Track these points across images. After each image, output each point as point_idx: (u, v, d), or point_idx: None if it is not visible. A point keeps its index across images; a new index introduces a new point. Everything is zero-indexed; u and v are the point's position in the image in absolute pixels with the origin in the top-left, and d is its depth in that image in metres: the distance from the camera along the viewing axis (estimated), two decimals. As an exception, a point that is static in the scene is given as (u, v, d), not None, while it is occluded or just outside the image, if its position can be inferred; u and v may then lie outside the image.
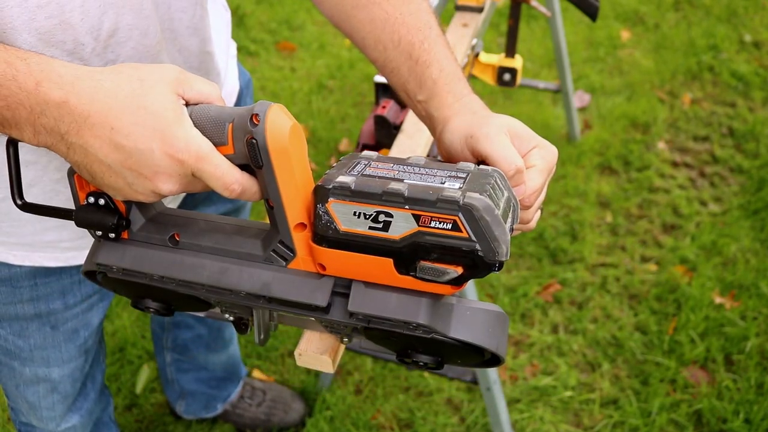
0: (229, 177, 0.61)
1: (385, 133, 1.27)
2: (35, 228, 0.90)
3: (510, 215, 0.62)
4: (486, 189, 0.57)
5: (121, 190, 0.63)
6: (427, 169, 0.61)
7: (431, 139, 1.17)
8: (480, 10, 1.64)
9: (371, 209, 0.57)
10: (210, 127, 0.61)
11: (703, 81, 2.98)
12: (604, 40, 3.21)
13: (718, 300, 2.04)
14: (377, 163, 0.63)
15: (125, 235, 0.69)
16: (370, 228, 0.58)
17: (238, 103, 1.14)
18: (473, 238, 0.55)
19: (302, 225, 0.62)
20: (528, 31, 3.27)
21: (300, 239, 0.62)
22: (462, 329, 0.61)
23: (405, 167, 0.62)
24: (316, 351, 0.84)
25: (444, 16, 2.70)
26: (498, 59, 1.85)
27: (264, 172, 0.60)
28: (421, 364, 0.66)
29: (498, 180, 0.61)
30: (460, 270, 0.57)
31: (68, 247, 0.93)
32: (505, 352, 0.64)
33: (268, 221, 0.65)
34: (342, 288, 0.63)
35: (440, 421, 1.79)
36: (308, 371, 1.91)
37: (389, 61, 0.81)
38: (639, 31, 3.31)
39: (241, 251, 0.65)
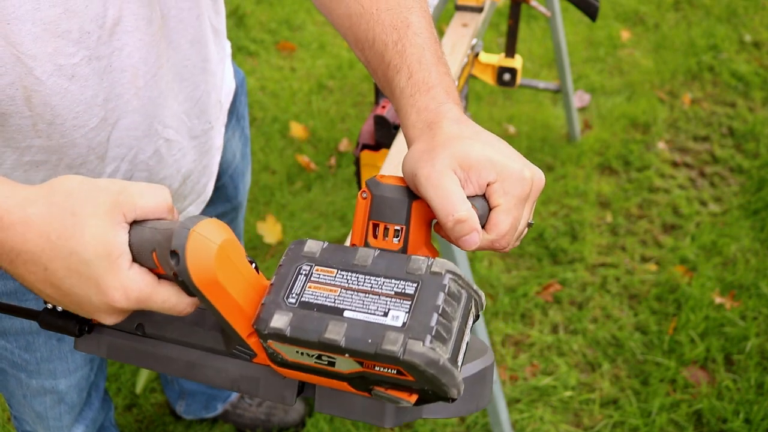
0: (179, 305, 0.58)
1: (384, 133, 1.27)
2: None
3: (471, 319, 0.58)
4: (431, 325, 0.52)
5: (70, 309, 0.61)
6: (373, 282, 0.56)
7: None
8: (480, 10, 1.64)
9: (312, 352, 0.54)
10: (142, 253, 0.58)
11: (703, 81, 2.98)
12: (604, 40, 3.21)
13: (718, 300, 2.04)
14: (320, 271, 0.58)
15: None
16: (317, 362, 0.55)
17: (233, 103, 1.14)
18: (420, 382, 0.53)
19: (255, 332, 0.59)
20: (528, 31, 3.27)
21: (257, 343, 0.60)
22: (435, 409, 0.59)
23: (349, 277, 0.57)
24: None
25: (444, 16, 2.71)
26: (498, 59, 1.85)
27: (200, 300, 0.56)
28: None
29: (451, 287, 0.55)
30: (413, 399, 0.55)
31: None
32: (487, 400, 0.62)
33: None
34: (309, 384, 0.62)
35: (440, 420, 1.79)
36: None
37: (369, 62, 0.75)
38: (639, 31, 3.31)
39: (204, 345, 0.63)
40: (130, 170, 0.86)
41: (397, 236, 0.63)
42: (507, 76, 1.84)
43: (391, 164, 1.13)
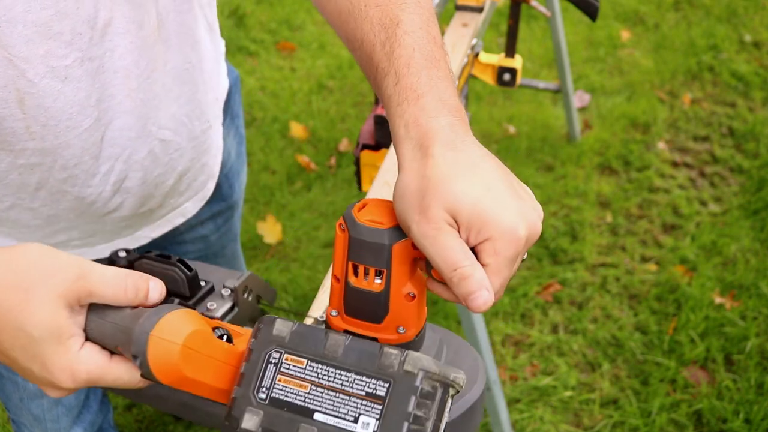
0: (133, 383, 0.58)
1: (384, 133, 1.27)
2: (45, 232, 0.89)
3: (445, 415, 0.56)
4: (401, 430, 0.52)
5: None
6: (344, 378, 0.55)
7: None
8: (480, 10, 1.64)
9: None
10: (104, 342, 0.57)
11: (703, 81, 2.97)
12: (604, 40, 3.21)
13: (718, 300, 2.04)
14: (289, 359, 0.56)
15: None
16: None
17: (228, 101, 1.13)
18: None
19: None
20: (528, 31, 3.27)
21: None
22: None
23: (319, 372, 0.55)
24: None
25: (444, 16, 2.71)
26: (498, 59, 1.85)
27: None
28: None
29: (425, 387, 0.53)
30: None
31: (78, 244, 0.93)
32: (477, 428, 0.62)
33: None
34: None
35: (440, 421, 1.79)
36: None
37: (360, 63, 0.69)
38: (639, 31, 3.31)
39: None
40: (125, 170, 0.86)
41: (379, 277, 0.59)
42: (507, 76, 1.84)
43: (391, 164, 1.13)
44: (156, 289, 0.60)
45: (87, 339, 0.57)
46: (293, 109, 2.83)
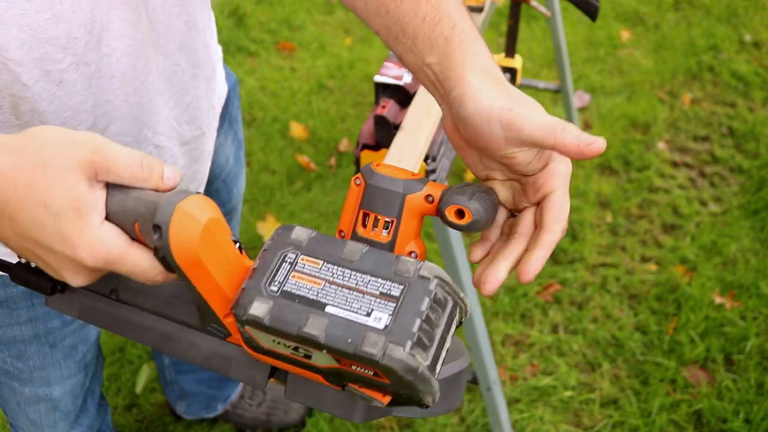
0: (149, 272, 0.56)
1: (384, 133, 1.27)
2: None
3: (453, 325, 0.57)
4: (413, 331, 0.51)
5: (37, 264, 0.58)
6: (359, 278, 0.55)
7: (431, 136, 1.17)
8: (480, 10, 1.64)
9: (290, 342, 0.53)
10: (121, 220, 0.55)
11: (703, 81, 2.97)
12: (604, 40, 3.21)
13: (718, 300, 2.04)
14: (305, 260, 0.56)
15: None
16: (293, 352, 0.54)
17: (226, 106, 1.13)
18: (396, 387, 0.52)
19: (233, 313, 0.58)
20: (528, 31, 3.27)
21: (233, 324, 0.58)
22: (405, 411, 0.58)
23: (335, 271, 0.55)
24: None
25: (444, 16, 2.70)
26: (498, 59, 1.84)
27: (179, 278, 0.55)
28: None
29: (438, 293, 0.54)
30: (386, 400, 0.54)
31: None
32: (459, 402, 0.61)
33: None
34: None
35: (440, 421, 1.79)
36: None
37: (393, 25, 0.71)
38: (639, 31, 3.31)
39: (179, 318, 0.62)
40: None
41: (387, 229, 0.61)
42: (507, 76, 1.83)
43: (391, 163, 1.13)
44: (171, 172, 0.59)
45: (107, 219, 0.56)
46: (293, 109, 2.83)
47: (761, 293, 2.05)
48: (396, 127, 1.25)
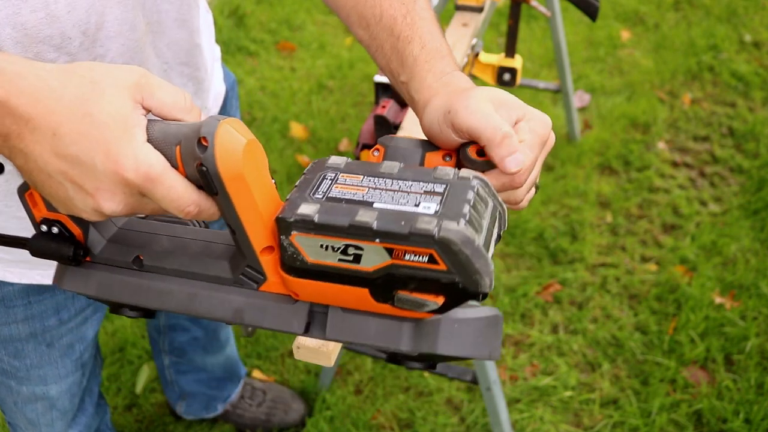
0: (184, 199, 0.55)
1: (384, 133, 1.27)
2: None
3: (496, 229, 0.58)
4: (464, 212, 0.52)
5: (62, 203, 0.57)
6: (401, 183, 0.56)
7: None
8: (480, 10, 1.64)
9: (339, 242, 0.52)
10: (162, 146, 0.55)
11: (703, 81, 2.98)
12: (604, 40, 3.21)
13: (718, 300, 2.04)
14: (345, 176, 0.57)
15: (88, 257, 0.64)
16: (340, 260, 0.53)
17: (223, 106, 1.13)
18: (452, 270, 0.51)
19: (270, 248, 0.57)
20: (528, 31, 3.27)
21: (269, 262, 0.58)
22: (450, 345, 0.56)
23: (376, 180, 0.56)
24: (314, 344, 0.84)
25: (444, 16, 2.71)
26: (498, 59, 1.84)
27: (220, 199, 0.54)
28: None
29: (480, 190, 0.56)
30: (440, 300, 0.53)
31: None
32: (498, 353, 0.60)
33: None
34: (320, 308, 0.59)
35: (440, 421, 1.79)
36: (308, 371, 1.91)
37: (373, 38, 0.76)
38: (639, 31, 3.31)
39: (209, 274, 0.61)
40: None
41: None
42: (507, 76, 1.83)
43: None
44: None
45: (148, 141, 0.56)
46: (293, 109, 2.83)
47: (761, 293, 2.05)
48: (396, 127, 1.26)
